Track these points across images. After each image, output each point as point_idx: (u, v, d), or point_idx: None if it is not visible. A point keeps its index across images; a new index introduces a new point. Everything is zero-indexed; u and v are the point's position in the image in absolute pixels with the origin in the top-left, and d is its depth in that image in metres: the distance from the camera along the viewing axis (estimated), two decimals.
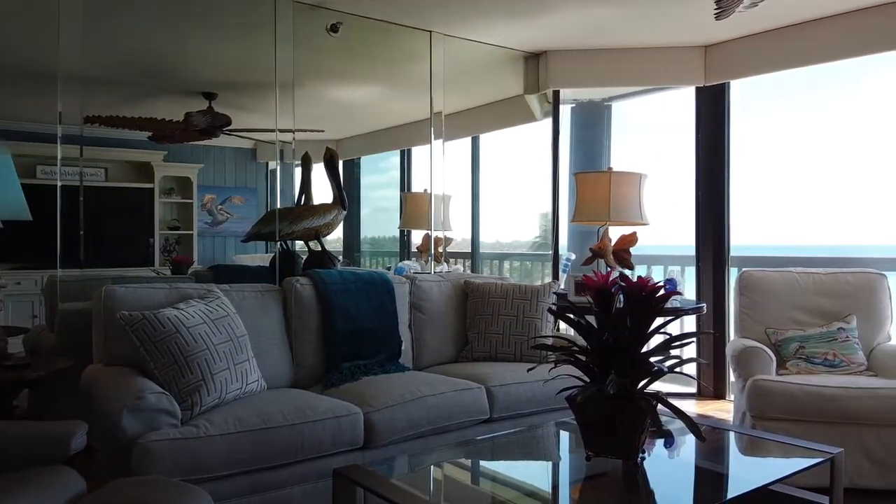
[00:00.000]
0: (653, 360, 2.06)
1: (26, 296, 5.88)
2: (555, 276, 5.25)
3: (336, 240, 6.41)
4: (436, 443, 2.98)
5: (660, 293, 2.02)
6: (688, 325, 5.28)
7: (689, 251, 5.24)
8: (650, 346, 2.12)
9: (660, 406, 2.02)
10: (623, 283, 2.04)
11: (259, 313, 3.16)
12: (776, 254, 5.31)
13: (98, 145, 5.49)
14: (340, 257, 5.12)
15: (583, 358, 2.11)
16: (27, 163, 5.66)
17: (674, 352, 2.14)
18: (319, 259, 4.15)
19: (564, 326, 4.50)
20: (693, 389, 5.14)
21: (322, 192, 4.49)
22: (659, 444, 2.46)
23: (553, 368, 2.38)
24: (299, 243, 4.53)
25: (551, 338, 3.56)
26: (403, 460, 2.59)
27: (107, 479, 2.02)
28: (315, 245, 4.31)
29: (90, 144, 4.92)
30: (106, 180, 5.99)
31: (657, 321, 2.11)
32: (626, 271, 4.05)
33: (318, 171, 4.48)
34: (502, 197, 6.53)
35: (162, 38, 4.61)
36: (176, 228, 6.18)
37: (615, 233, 4.29)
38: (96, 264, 4.76)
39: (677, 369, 2.08)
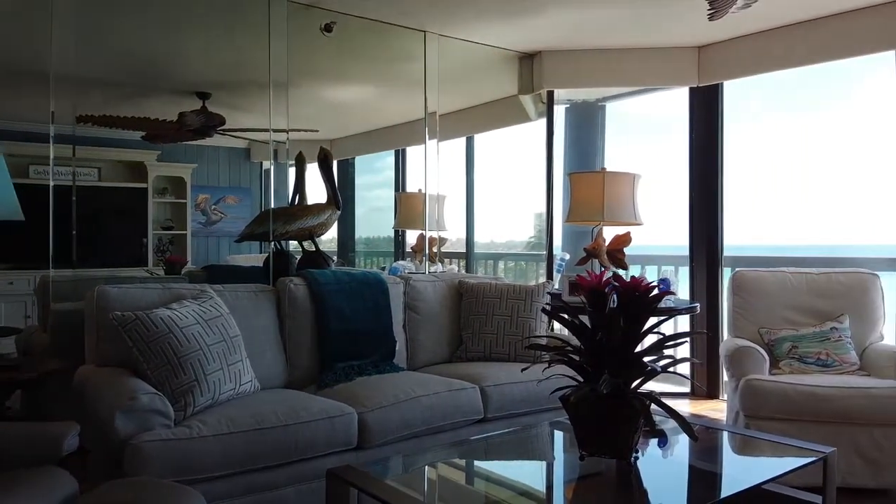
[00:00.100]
0: (646, 359, 2.06)
1: (19, 296, 5.85)
2: (549, 276, 5.26)
3: (330, 240, 6.41)
4: (430, 443, 2.98)
5: (653, 293, 2.02)
6: (681, 325, 5.29)
7: (682, 251, 5.25)
8: (644, 345, 2.13)
9: (653, 406, 2.03)
10: (616, 283, 2.04)
11: (253, 314, 3.16)
12: (769, 254, 5.33)
13: (91, 145, 5.47)
14: (335, 257, 5.11)
15: (576, 358, 2.11)
16: (20, 162, 5.63)
17: (667, 351, 2.14)
18: (313, 259, 4.15)
19: (559, 326, 4.51)
20: (687, 389, 5.15)
21: (316, 192, 4.49)
22: (652, 443, 2.46)
23: (547, 368, 2.38)
24: (293, 243, 4.53)
25: (545, 338, 3.56)
26: (397, 461, 2.58)
27: (99, 480, 2.01)
28: (309, 245, 4.31)
29: (83, 144, 4.91)
30: (99, 180, 5.96)
31: (651, 321, 2.11)
32: (620, 271, 4.06)
33: (313, 171, 4.48)
34: (497, 197, 6.54)
35: (155, 37, 4.59)
36: (169, 228, 6.16)
37: (609, 233, 4.30)
38: (89, 264, 4.75)
39: (670, 369, 2.09)
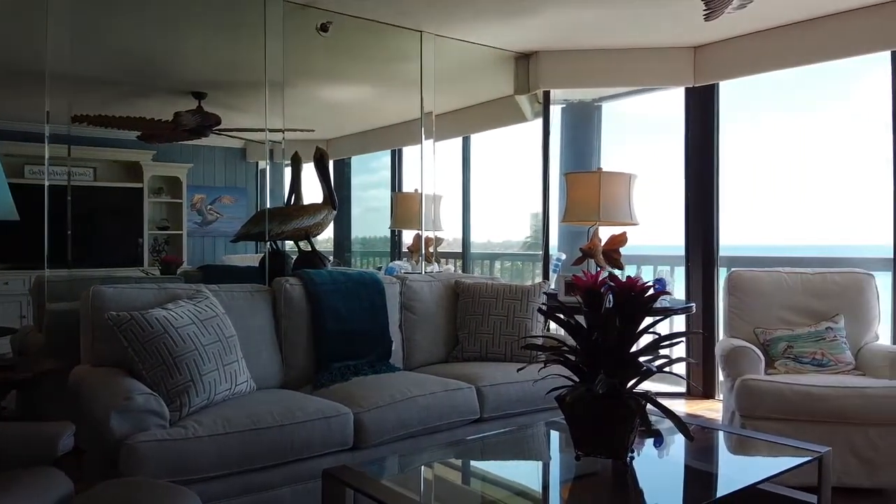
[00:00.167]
0: (642, 359, 2.07)
1: (14, 296, 5.84)
2: (545, 276, 5.26)
3: (327, 240, 6.40)
4: (426, 443, 2.97)
5: (648, 293, 2.03)
6: (677, 325, 5.30)
7: (678, 251, 5.26)
8: (640, 345, 2.13)
9: (649, 406, 2.03)
10: (612, 283, 2.05)
11: (248, 314, 3.15)
12: (765, 254, 5.34)
13: (87, 145, 5.46)
14: (331, 257, 5.10)
15: (572, 358, 2.11)
16: (15, 162, 5.62)
17: (663, 351, 2.14)
18: (309, 259, 4.14)
19: (555, 326, 4.51)
20: (682, 389, 5.16)
21: (312, 192, 4.48)
22: (648, 443, 2.46)
23: (543, 368, 2.38)
24: (289, 243, 4.52)
25: (541, 338, 3.57)
26: (393, 461, 2.58)
27: (95, 480, 2.01)
28: (305, 245, 4.30)
29: (78, 144, 4.89)
30: (95, 180, 5.95)
31: (646, 321, 2.11)
32: (616, 271, 4.06)
33: (309, 171, 4.47)
34: (493, 197, 6.53)
35: (151, 37, 4.59)
36: (165, 228, 6.15)
37: (605, 233, 4.31)
38: (85, 264, 4.73)
39: (666, 369, 2.09)
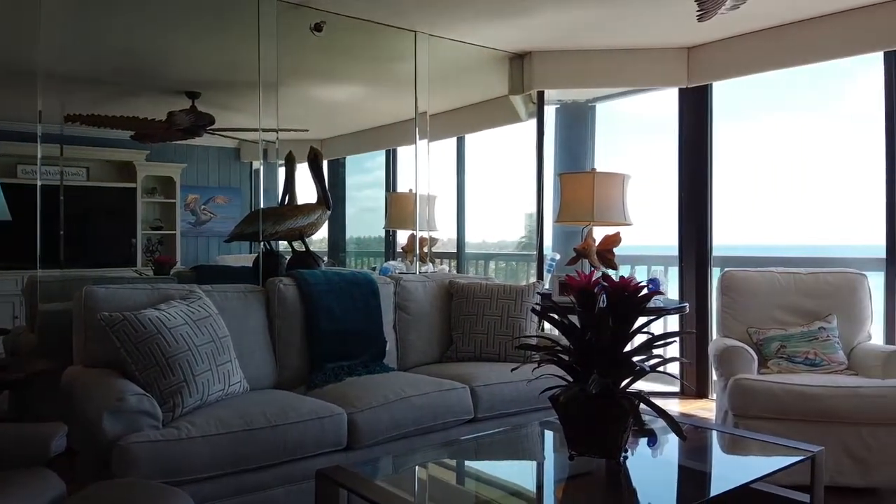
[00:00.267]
0: (635, 359, 2.07)
1: (6, 297, 5.81)
2: (539, 276, 5.26)
3: (321, 240, 6.38)
4: (420, 443, 2.97)
5: (642, 293, 2.03)
6: (671, 325, 5.31)
7: (672, 251, 5.27)
8: (633, 345, 2.14)
9: (642, 405, 2.03)
10: (605, 283, 2.05)
11: (242, 314, 3.14)
12: (758, 254, 5.35)
13: (79, 144, 5.42)
14: (325, 257, 5.10)
15: (566, 358, 2.11)
16: (7, 162, 5.58)
17: (656, 351, 2.15)
18: (303, 259, 4.14)
19: (549, 326, 4.52)
20: (676, 389, 5.17)
21: (306, 192, 4.48)
22: (642, 443, 2.47)
23: (536, 368, 2.38)
24: (283, 244, 4.52)
25: (535, 338, 3.57)
26: (387, 461, 2.58)
27: (87, 481, 2.00)
28: (299, 245, 4.30)
29: (71, 143, 4.88)
30: (87, 180, 5.92)
31: (639, 321, 2.12)
32: (610, 271, 4.07)
33: (303, 171, 4.47)
34: (488, 197, 6.53)
35: (144, 36, 4.57)
36: (159, 228, 6.12)
37: (599, 233, 4.31)
38: (77, 265, 4.72)
39: (660, 369, 2.09)
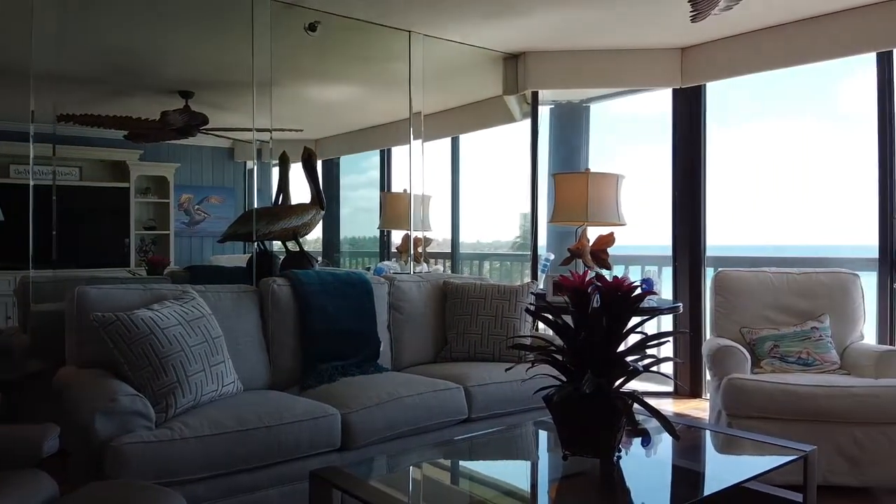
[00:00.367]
0: (629, 359, 2.07)
1: None
2: (533, 276, 5.27)
3: (315, 240, 6.37)
4: (414, 443, 2.97)
5: (635, 293, 2.03)
6: (665, 325, 5.32)
7: (666, 251, 5.28)
8: (627, 344, 2.14)
9: (636, 405, 2.04)
10: (599, 283, 2.05)
11: (235, 314, 3.14)
12: (751, 254, 5.37)
13: (72, 144, 5.40)
14: (320, 258, 5.09)
15: (560, 357, 2.11)
16: (0, 162, 5.56)
17: (650, 351, 2.15)
18: (297, 259, 4.13)
19: (543, 326, 4.52)
20: (670, 388, 5.19)
21: (300, 192, 4.47)
22: (636, 442, 2.47)
23: (530, 368, 2.39)
24: (277, 244, 4.51)
25: (529, 338, 3.57)
26: (381, 461, 2.58)
27: (80, 482, 2.00)
28: (293, 245, 4.29)
29: (64, 143, 4.86)
30: (80, 179, 5.90)
31: (633, 320, 2.12)
32: (604, 271, 4.08)
33: (297, 171, 4.46)
34: (482, 197, 6.54)
35: (137, 35, 4.56)
36: (152, 228, 6.10)
37: (593, 233, 4.32)
38: (70, 265, 4.70)
39: (653, 368, 2.10)
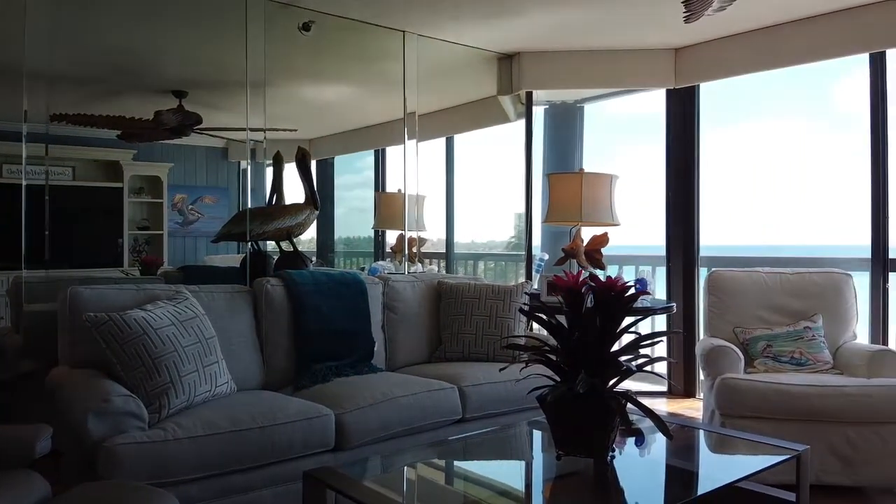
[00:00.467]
0: (622, 359, 2.08)
1: None
2: (528, 276, 5.27)
3: (310, 240, 6.36)
4: (408, 444, 2.97)
5: (628, 293, 2.04)
6: (659, 325, 5.33)
7: (660, 251, 5.29)
8: (621, 344, 2.14)
9: (630, 405, 2.04)
10: (593, 283, 2.05)
11: (229, 314, 3.13)
12: (745, 254, 5.39)
13: (65, 143, 5.38)
14: (314, 258, 5.08)
15: (554, 357, 2.12)
16: None
17: (643, 351, 2.16)
18: (291, 260, 4.13)
19: (537, 326, 4.52)
20: (664, 388, 5.20)
21: (294, 191, 4.46)
22: (629, 442, 2.48)
23: (524, 368, 2.39)
24: (271, 244, 4.50)
25: (523, 337, 3.57)
26: (375, 462, 2.58)
27: (73, 483, 1.99)
28: (287, 245, 4.29)
29: (57, 143, 4.83)
30: (73, 179, 5.87)
31: (627, 320, 2.12)
32: (598, 271, 4.08)
33: (291, 171, 4.46)
34: (477, 197, 6.54)
35: (131, 35, 4.54)
36: (146, 228, 6.08)
37: (587, 233, 4.32)
38: (63, 265, 4.67)
39: (647, 368, 2.10)
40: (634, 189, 5.08)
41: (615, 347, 2.10)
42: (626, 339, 2.22)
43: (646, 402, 2.07)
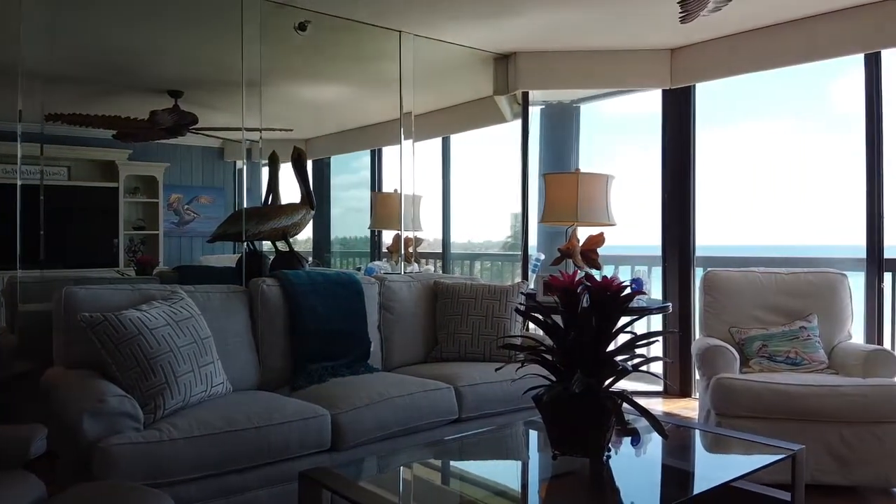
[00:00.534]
0: (618, 358, 2.08)
1: None
2: (524, 276, 5.28)
3: (306, 240, 6.36)
4: (405, 444, 2.97)
5: (624, 292, 2.04)
6: (655, 325, 5.34)
7: (656, 251, 5.30)
8: (617, 344, 2.14)
9: (625, 404, 2.04)
10: (588, 283, 2.06)
11: (224, 315, 3.12)
12: (740, 254, 5.40)
13: (60, 143, 5.37)
14: (310, 258, 5.08)
15: (549, 357, 2.12)
16: None
17: (639, 350, 2.16)
18: (287, 260, 4.12)
19: (534, 326, 4.52)
20: (660, 388, 5.21)
21: (290, 191, 4.46)
22: (625, 442, 2.48)
23: (520, 368, 2.39)
24: (267, 244, 4.49)
25: (520, 337, 3.58)
26: (371, 462, 2.57)
27: (68, 483, 1.99)
28: (283, 245, 4.28)
29: (52, 143, 4.83)
30: (69, 179, 5.86)
31: (622, 320, 2.12)
32: (594, 271, 4.09)
33: (287, 171, 4.45)
34: (473, 197, 6.55)
35: (126, 34, 4.53)
36: (141, 228, 6.07)
37: (583, 233, 4.33)
38: (58, 265, 4.67)
39: (643, 368, 2.10)
40: (630, 189, 5.09)
41: (611, 347, 2.10)
42: (622, 338, 2.22)
43: (642, 401, 2.07)
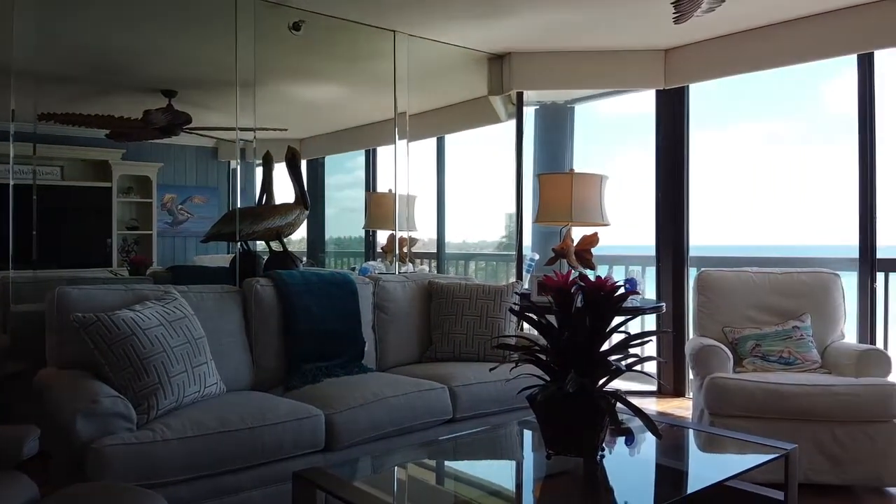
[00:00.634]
0: (612, 358, 2.08)
1: None
2: (518, 276, 5.28)
3: (300, 240, 6.35)
4: (399, 444, 2.97)
5: (618, 292, 2.04)
6: (649, 325, 5.35)
7: (650, 251, 5.31)
8: (611, 344, 2.15)
9: (619, 404, 2.04)
10: (582, 283, 2.06)
11: (218, 315, 3.12)
12: (734, 254, 5.42)
13: (53, 143, 5.35)
14: (304, 258, 5.07)
15: (543, 357, 2.12)
16: None
17: (633, 350, 2.16)
18: (281, 260, 4.12)
19: (528, 326, 4.53)
20: (653, 388, 5.22)
21: (284, 191, 4.45)
22: (619, 441, 2.48)
23: (514, 368, 2.39)
24: (261, 244, 4.49)
25: (514, 337, 3.58)
26: (366, 462, 2.57)
27: (61, 484, 1.98)
28: (277, 245, 4.27)
29: (45, 142, 4.80)
30: (62, 179, 5.84)
31: (616, 320, 2.13)
32: (588, 271, 4.09)
33: (281, 171, 4.44)
34: (468, 197, 6.54)
35: (120, 33, 4.52)
36: (135, 228, 6.05)
37: (577, 233, 4.33)
38: (51, 265, 4.64)
39: (636, 368, 2.11)
40: (624, 189, 5.09)
41: (605, 347, 2.10)
42: (616, 338, 2.22)
43: (635, 401, 2.08)
